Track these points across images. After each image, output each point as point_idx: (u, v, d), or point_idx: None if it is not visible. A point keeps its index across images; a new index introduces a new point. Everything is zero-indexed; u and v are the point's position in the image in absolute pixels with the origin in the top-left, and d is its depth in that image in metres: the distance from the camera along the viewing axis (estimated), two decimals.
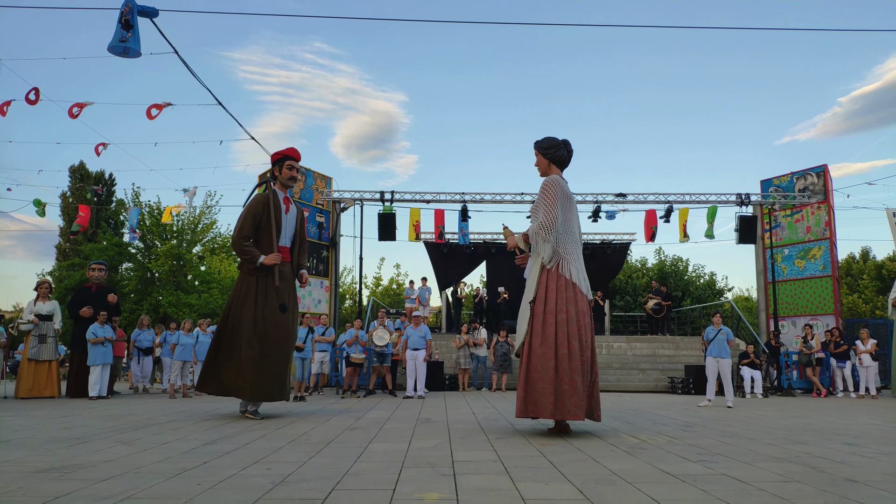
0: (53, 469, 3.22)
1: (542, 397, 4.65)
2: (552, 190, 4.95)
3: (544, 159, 5.21)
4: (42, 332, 10.51)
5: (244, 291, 6.17)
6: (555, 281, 4.89)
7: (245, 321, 6.05)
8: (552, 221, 4.86)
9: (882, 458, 3.78)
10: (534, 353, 4.76)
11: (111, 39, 8.92)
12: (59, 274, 28.70)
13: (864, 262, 37.41)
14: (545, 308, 4.83)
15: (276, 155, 6.46)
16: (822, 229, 17.24)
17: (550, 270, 4.92)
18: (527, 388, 4.75)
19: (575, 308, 4.82)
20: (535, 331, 4.81)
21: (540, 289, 4.89)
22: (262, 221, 6.23)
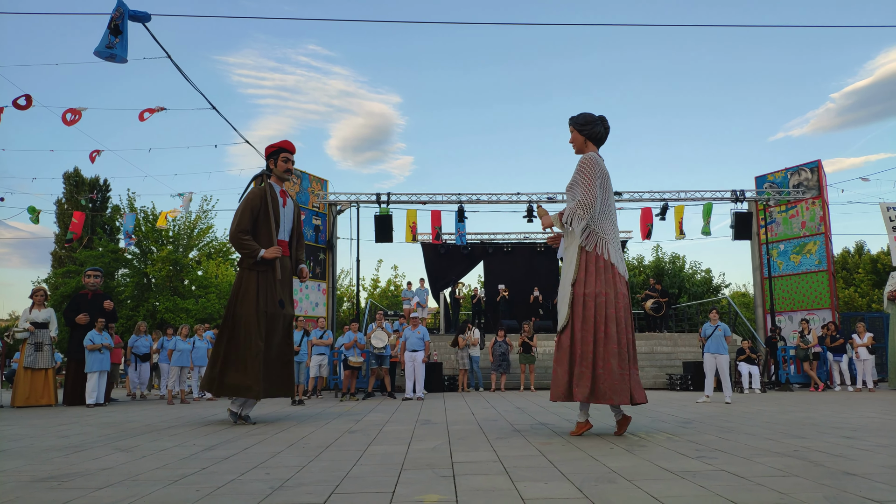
0: (51, 478, 3.21)
1: (580, 381, 4.59)
2: (591, 167, 4.80)
3: (580, 136, 5.05)
4: (38, 340, 10.48)
5: (245, 288, 6.04)
6: (594, 262, 4.76)
7: (248, 318, 5.93)
8: (591, 200, 4.71)
9: (879, 450, 3.79)
10: (576, 338, 4.66)
11: (98, 44, 8.90)
12: (55, 281, 28.65)
13: (860, 257, 37.49)
14: (584, 291, 4.70)
15: (270, 148, 6.38)
16: (817, 224, 17.28)
17: (589, 251, 4.78)
18: (570, 371, 4.65)
19: (613, 290, 4.72)
20: (577, 314, 4.69)
21: (580, 270, 4.75)
22: (260, 215, 6.12)
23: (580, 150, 5.09)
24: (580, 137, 5.04)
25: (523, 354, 14.36)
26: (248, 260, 6.03)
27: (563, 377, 4.68)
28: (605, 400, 4.51)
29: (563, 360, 4.71)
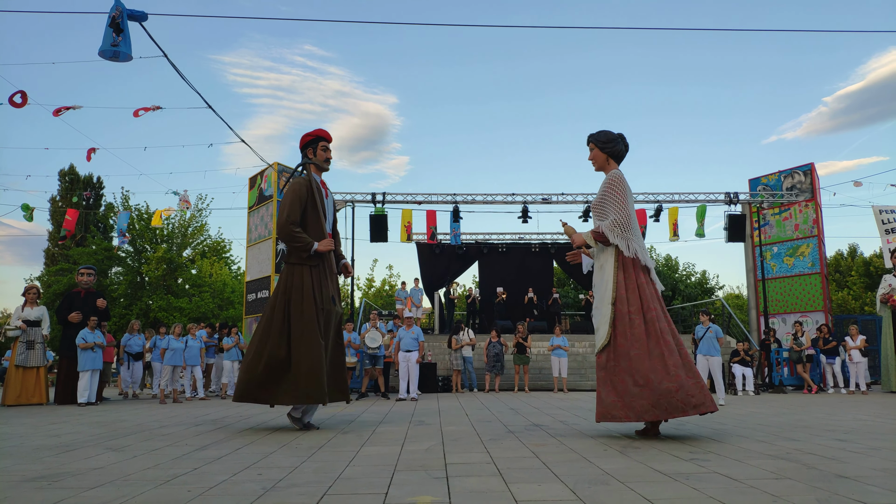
0: (41, 477, 3.19)
1: (636, 400, 4.47)
2: (621, 186, 4.84)
3: (602, 153, 5.05)
4: (30, 339, 10.44)
5: (299, 285, 5.47)
6: (633, 279, 4.75)
7: (310, 317, 5.40)
8: (627, 219, 4.74)
9: (872, 453, 3.79)
10: (627, 357, 4.55)
11: (101, 43, 8.87)
12: (48, 279, 28.54)
13: (852, 259, 37.64)
14: (629, 309, 4.66)
15: (307, 137, 5.86)
16: (810, 227, 17.33)
17: (628, 268, 4.77)
18: (615, 392, 4.56)
19: (659, 304, 4.73)
20: (623, 333, 4.62)
21: (619, 288, 4.72)
22: (308, 206, 5.64)
23: (601, 168, 5.10)
24: (602, 155, 5.05)
25: (518, 355, 14.35)
26: (301, 254, 5.52)
27: (608, 398, 4.59)
28: (678, 413, 4.39)
29: (605, 379, 4.64)
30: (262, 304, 16.09)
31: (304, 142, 5.85)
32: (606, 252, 4.86)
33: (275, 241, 16.07)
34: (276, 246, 16.08)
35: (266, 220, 16.57)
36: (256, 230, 17.10)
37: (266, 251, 16.34)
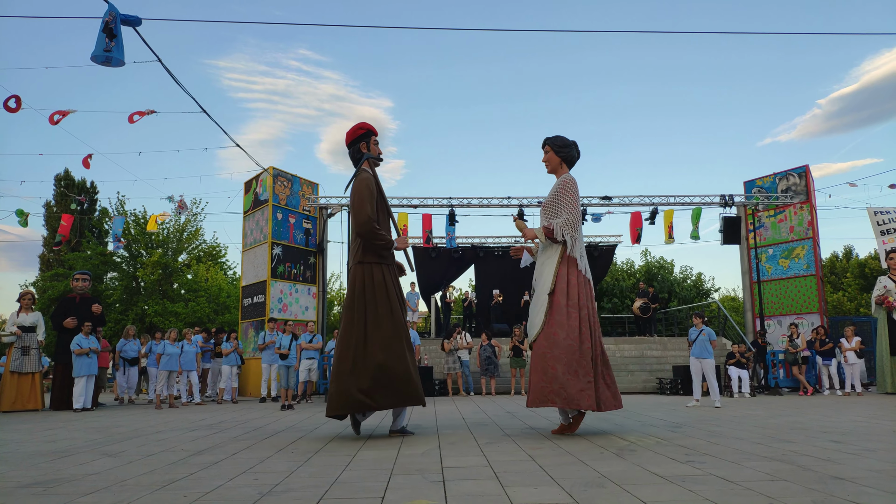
0: (37, 483, 3.18)
1: (563, 388, 4.75)
2: (574, 189, 5.16)
3: (556, 157, 5.33)
4: (25, 344, 10.41)
5: (381, 284, 5.22)
6: (575, 276, 5.06)
7: (396, 317, 5.19)
8: (578, 219, 5.08)
9: (868, 454, 3.80)
10: (557, 344, 4.83)
11: (94, 48, 8.86)
12: (43, 284, 28.44)
13: (848, 261, 37.74)
14: (568, 301, 4.96)
15: (357, 130, 5.51)
16: (805, 229, 17.37)
17: (570, 265, 5.07)
18: (545, 377, 4.82)
19: (591, 304, 5.06)
20: (558, 322, 4.89)
21: (560, 281, 5.02)
22: (378, 203, 5.40)
23: (554, 171, 5.41)
24: (556, 158, 5.36)
25: (514, 358, 14.35)
26: (382, 252, 5.30)
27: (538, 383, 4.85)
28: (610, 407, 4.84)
29: (538, 366, 4.90)
30: (257, 309, 16.08)
31: (354, 136, 5.52)
32: (552, 248, 5.16)
33: (270, 246, 16.05)
34: (271, 250, 16.07)
35: (262, 224, 16.55)
36: (252, 235, 17.08)
37: (262, 256, 16.32)
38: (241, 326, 16.81)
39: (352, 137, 5.49)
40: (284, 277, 16.39)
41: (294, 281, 16.69)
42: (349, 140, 5.51)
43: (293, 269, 16.71)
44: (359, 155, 5.47)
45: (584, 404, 4.74)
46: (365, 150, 5.48)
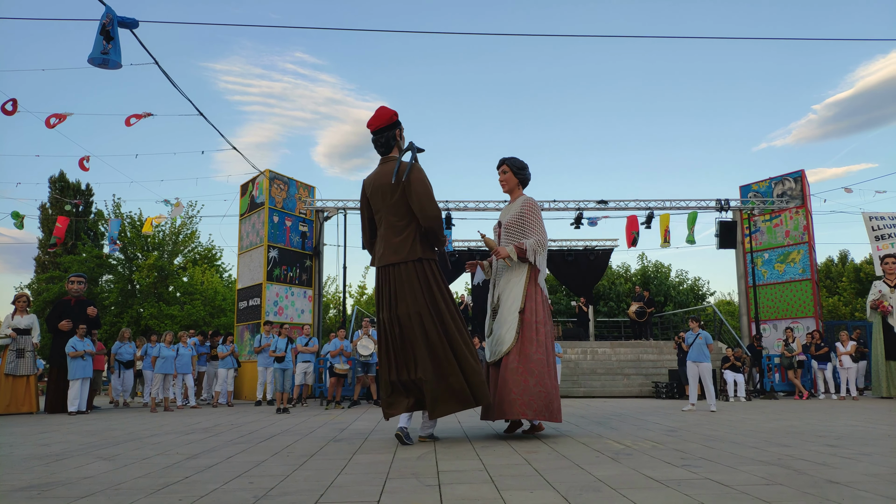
0: (31, 487, 3.17)
1: (535, 399, 4.97)
2: (539, 212, 5.43)
3: (514, 178, 5.58)
4: (20, 347, 10.38)
5: (441, 280, 4.97)
6: (541, 294, 5.31)
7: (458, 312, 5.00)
8: (546, 241, 5.35)
9: (863, 458, 3.81)
10: (530, 359, 5.05)
11: (91, 51, 8.86)
12: (38, 287, 28.35)
13: (843, 266, 37.82)
14: (536, 318, 5.18)
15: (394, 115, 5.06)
16: (801, 233, 17.41)
17: (537, 285, 5.31)
18: (518, 390, 4.98)
19: (551, 321, 5.40)
20: (529, 338, 5.10)
21: (529, 300, 5.23)
22: None
23: (511, 191, 5.64)
24: (514, 179, 5.61)
25: None
26: (440, 247, 5.07)
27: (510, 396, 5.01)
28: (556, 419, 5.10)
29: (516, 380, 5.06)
30: (253, 312, 16.05)
31: (390, 121, 5.02)
32: (521, 267, 5.33)
33: (266, 249, 16.04)
34: (267, 253, 16.05)
35: (258, 227, 16.54)
36: (248, 237, 17.06)
37: (258, 259, 16.30)
38: (237, 329, 16.79)
39: (387, 122, 5.00)
40: (280, 280, 16.37)
41: (290, 284, 16.68)
42: (384, 123, 4.99)
43: (289, 273, 16.69)
44: (393, 142, 5.00)
45: (559, 418, 5.10)
46: (399, 139, 5.07)
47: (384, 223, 4.92)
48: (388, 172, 4.85)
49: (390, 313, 4.80)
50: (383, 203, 4.87)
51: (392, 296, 4.81)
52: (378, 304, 4.94)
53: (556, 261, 21.64)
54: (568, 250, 21.51)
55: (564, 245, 21.79)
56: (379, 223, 5.00)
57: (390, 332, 4.82)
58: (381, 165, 5.00)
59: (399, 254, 4.81)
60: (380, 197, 4.89)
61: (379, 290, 4.95)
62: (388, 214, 4.86)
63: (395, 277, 4.80)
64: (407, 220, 4.83)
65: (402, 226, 4.82)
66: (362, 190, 5.09)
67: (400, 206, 4.81)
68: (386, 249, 4.84)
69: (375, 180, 4.94)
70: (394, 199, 4.81)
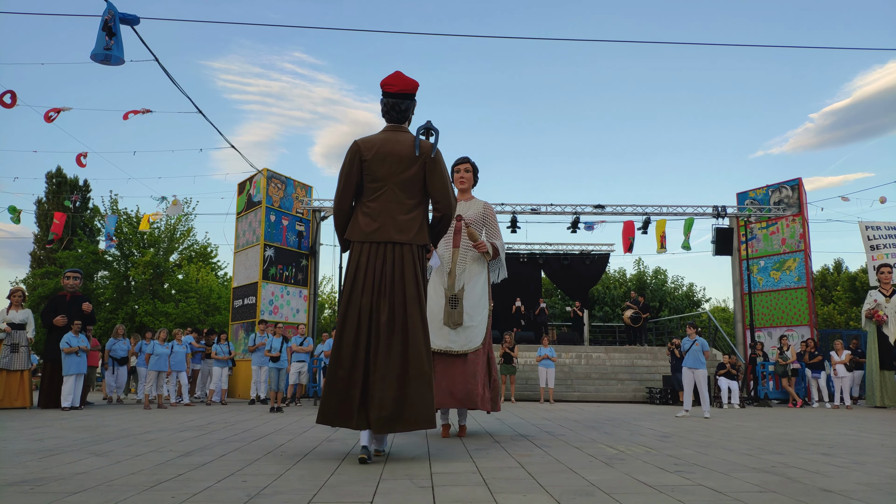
0: (24, 482, 3.16)
1: (493, 392, 5.55)
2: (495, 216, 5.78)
3: (473, 178, 5.80)
4: (14, 342, 10.34)
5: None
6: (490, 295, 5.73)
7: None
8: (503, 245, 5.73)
9: (856, 467, 3.82)
10: (485, 354, 5.47)
11: (94, 47, 8.85)
12: (33, 282, 28.31)
13: (838, 274, 37.92)
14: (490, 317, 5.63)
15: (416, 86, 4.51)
16: (797, 241, 17.46)
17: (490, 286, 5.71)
18: (483, 385, 5.40)
19: None
20: (489, 335, 5.54)
21: (490, 300, 5.62)
22: None
23: (466, 190, 5.80)
24: (473, 180, 5.80)
25: (504, 365, 14.35)
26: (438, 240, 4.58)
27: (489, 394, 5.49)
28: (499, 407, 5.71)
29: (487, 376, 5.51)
30: (248, 311, 16.04)
31: (415, 89, 4.50)
32: (482, 265, 5.58)
33: (262, 248, 16.02)
34: (263, 252, 16.04)
35: (254, 225, 16.53)
36: (244, 236, 17.05)
37: (254, 257, 16.29)
38: (232, 328, 16.76)
39: (411, 90, 4.44)
40: (276, 279, 16.36)
41: (286, 283, 16.67)
42: (409, 90, 4.43)
43: (285, 272, 16.68)
44: (411, 113, 4.49)
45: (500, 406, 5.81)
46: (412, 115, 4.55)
47: (387, 196, 4.24)
48: (403, 142, 4.28)
49: (380, 298, 4.07)
50: (390, 173, 4.23)
51: (386, 279, 4.11)
52: (354, 286, 4.12)
53: (552, 265, 21.67)
54: (564, 254, 21.54)
55: (560, 249, 21.81)
56: (372, 193, 4.26)
57: (373, 322, 4.05)
58: (392, 133, 4.36)
59: (405, 233, 4.21)
60: (388, 165, 4.23)
61: (362, 268, 4.15)
62: (396, 188, 4.24)
63: (396, 259, 4.16)
64: (418, 200, 4.30)
65: (411, 204, 4.26)
66: (355, 151, 4.27)
67: (414, 183, 4.26)
68: (387, 225, 4.19)
69: (382, 146, 4.26)
70: (409, 174, 4.24)
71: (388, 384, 3.89)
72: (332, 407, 3.95)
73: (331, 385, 3.98)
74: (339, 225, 4.34)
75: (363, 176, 4.27)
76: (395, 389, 3.89)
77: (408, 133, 4.38)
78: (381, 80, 4.43)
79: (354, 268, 4.16)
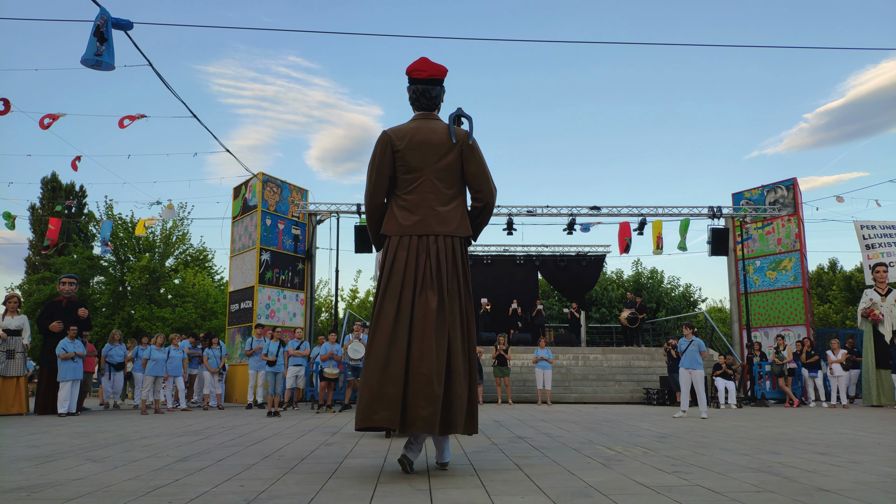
0: (20, 488, 3.15)
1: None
2: None
3: None
4: (10, 348, 10.32)
5: None
6: None
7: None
8: None
9: (852, 466, 3.83)
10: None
11: (85, 51, 8.84)
12: (29, 288, 28.21)
13: (834, 274, 37.99)
14: None
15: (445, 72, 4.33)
16: (793, 241, 17.50)
17: None
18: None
19: None
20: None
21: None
22: None
23: None
24: None
25: (498, 367, 14.33)
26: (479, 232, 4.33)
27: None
28: None
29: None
30: (245, 315, 16.01)
31: (444, 76, 4.31)
32: None
33: (259, 252, 16.01)
34: (259, 256, 16.02)
35: (250, 230, 16.51)
36: (240, 240, 17.03)
37: (250, 261, 16.27)
38: (228, 332, 16.74)
39: (441, 76, 4.26)
40: (272, 283, 16.34)
41: (282, 287, 16.65)
42: (440, 76, 4.25)
43: (281, 276, 16.66)
44: (440, 101, 4.28)
45: None
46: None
47: (424, 186, 4.00)
48: (436, 130, 4.05)
49: (426, 293, 3.80)
50: (426, 162, 4.00)
51: (431, 273, 3.84)
52: (392, 281, 3.85)
53: (548, 266, 21.68)
54: (560, 256, 21.55)
55: (557, 251, 21.83)
56: (408, 185, 4.01)
57: (416, 318, 3.75)
58: (423, 120, 4.12)
59: (447, 225, 3.97)
60: (423, 154, 3.99)
61: (401, 262, 3.88)
62: (434, 178, 4.00)
63: (440, 252, 3.90)
64: (456, 189, 4.07)
65: (450, 194, 4.04)
66: (385, 141, 4.01)
67: (452, 172, 4.04)
68: (427, 217, 3.95)
69: (416, 134, 4.02)
70: (445, 162, 4.01)
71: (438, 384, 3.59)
72: (374, 409, 3.54)
73: (371, 387, 3.60)
74: (374, 222, 4.09)
75: (396, 167, 4.01)
76: (458, 387, 3.68)
77: (440, 121, 4.17)
78: (406, 67, 4.23)
79: (392, 262, 3.90)
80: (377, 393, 3.55)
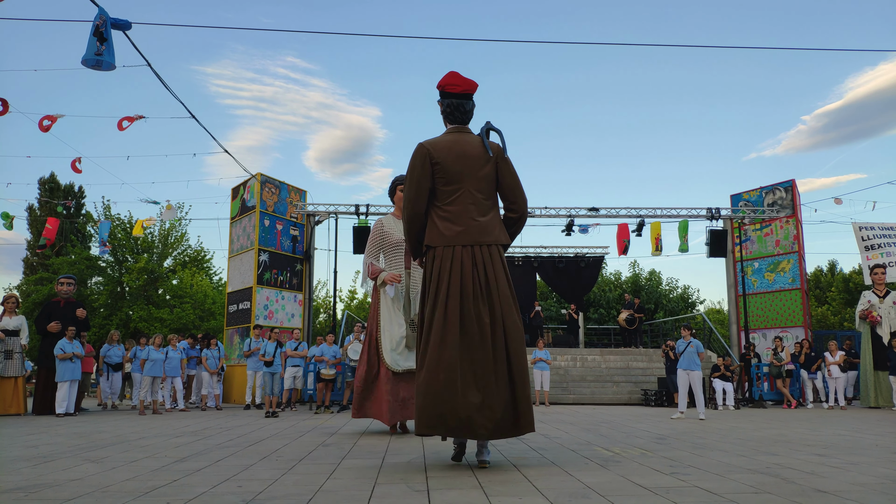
0: (18, 489, 3.15)
1: None
2: None
3: None
4: (8, 348, 10.31)
5: None
6: None
7: None
8: None
9: (850, 467, 3.83)
10: None
11: (85, 52, 8.84)
12: (27, 288, 28.19)
13: (832, 275, 38.02)
14: None
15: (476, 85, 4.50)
16: (791, 243, 17.52)
17: None
18: None
19: None
20: None
21: None
22: None
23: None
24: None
25: None
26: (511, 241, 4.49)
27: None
28: None
29: None
30: (243, 316, 16.00)
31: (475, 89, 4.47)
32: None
33: (257, 253, 16.00)
34: (258, 257, 16.01)
35: (249, 230, 16.50)
36: (239, 241, 17.02)
37: (248, 262, 16.26)
38: (227, 333, 16.73)
39: (474, 89, 4.44)
40: (271, 284, 16.34)
41: (280, 288, 16.64)
42: (474, 90, 4.44)
43: (279, 276, 16.66)
44: (471, 115, 4.43)
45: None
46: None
47: (464, 197, 4.12)
48: (472, 143, 4.21)
49: (477, 303, 3.94)
50: (465, 174, 4.13)
51: (480, 283, 3.99)
52: (439, 291, 3.97)
53: (546, 268, 21.69)
54: (559, 257, 21.56)
55: (555, 252, 21.84)
56: (448, 196, 4.13)
57: (467, 327, 3.87)
58: (458, 134, 4.28)
59: (489, 234, 4.12)
60: (463, 166, 4.14)
61: (446, 272, 4.01)
62: (473, 189, 4.14)
63: (486, 260, 4.05)
64: (493, 201, 4.25)
65: (488, 205, 4.20)
66: (424, 154, 4.12)
67: (488, 182, 4.19)
68: (470, 228, 4.08)
69: (454, 146, 4.17)
70: (483, 173, 4.16)
71: (499, 390, 3.75)
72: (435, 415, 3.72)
73: (429, 394, 3.75)
74: (415, 230, 4.18)
75: (435, 179, 4.13)
76: (507, 394, 3.77)
77: (473, 134, 4.32)
78: (438, 82, 4.38)
79: (438, 273, 4.03)
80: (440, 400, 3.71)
